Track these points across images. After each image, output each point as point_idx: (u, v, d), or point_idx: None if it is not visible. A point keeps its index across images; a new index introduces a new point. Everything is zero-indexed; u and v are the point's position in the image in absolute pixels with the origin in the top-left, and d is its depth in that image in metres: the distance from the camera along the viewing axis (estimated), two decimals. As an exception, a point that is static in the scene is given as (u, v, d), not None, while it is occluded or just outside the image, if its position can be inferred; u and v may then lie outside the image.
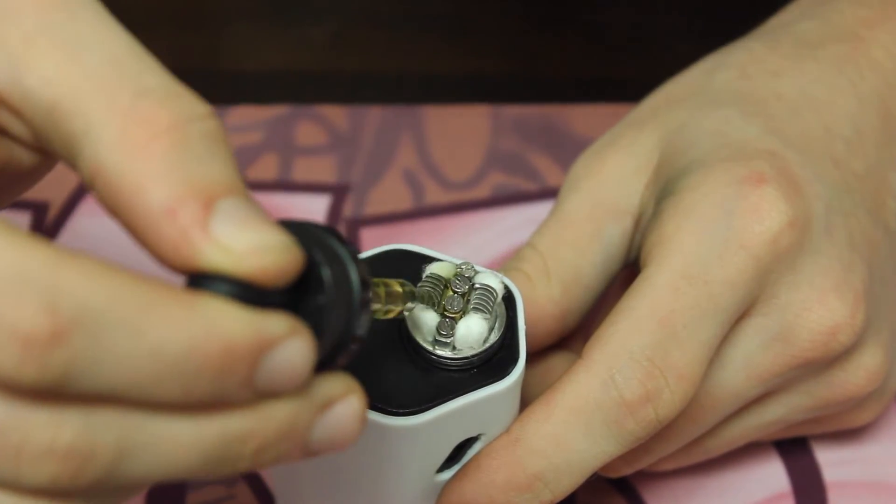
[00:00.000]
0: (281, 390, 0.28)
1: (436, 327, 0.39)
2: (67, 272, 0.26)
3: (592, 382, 0.40)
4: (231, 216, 0.28)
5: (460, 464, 0.40)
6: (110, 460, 0.27)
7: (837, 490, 0.49)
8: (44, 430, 0.26)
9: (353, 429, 0.30)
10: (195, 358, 0.26)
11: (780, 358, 0.42)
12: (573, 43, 0.67)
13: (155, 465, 0.27)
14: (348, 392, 0.30)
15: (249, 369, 0.27)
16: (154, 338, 0.26)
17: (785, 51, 0.48)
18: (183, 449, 0.27)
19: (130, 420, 0.27)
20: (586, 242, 0.45)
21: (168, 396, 0.27)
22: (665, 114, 0.47)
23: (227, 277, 0.28)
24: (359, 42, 0.67)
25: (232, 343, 0.27)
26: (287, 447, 0.29)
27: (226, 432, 0.28)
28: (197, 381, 0.27)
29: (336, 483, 0.41)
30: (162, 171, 0.28)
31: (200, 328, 0.27)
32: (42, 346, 0.25)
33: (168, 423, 0.27)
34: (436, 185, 0.59)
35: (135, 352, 0.26)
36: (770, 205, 0.41)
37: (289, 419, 0.28)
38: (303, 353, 0.28)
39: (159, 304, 0.26)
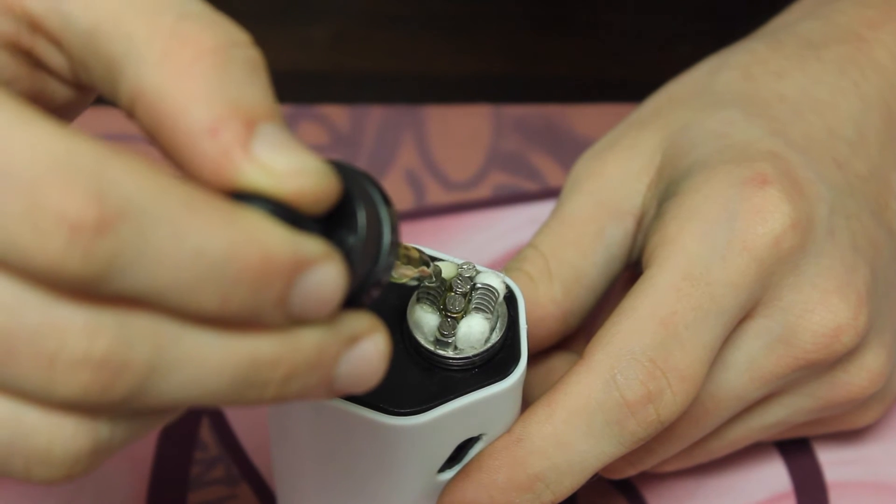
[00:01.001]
0: (312, 316, 0.28)
1: (437, 327, 0.39)
2: (115, 165, 0.26)
3: (594, 383, 0.40)
4: (272, 138, 0.28)
5: (461, 464, 0.40)
6: (143, 374, 0.26)
7: (839, 490, 0.49)
8: (80, 336, 0.26)
9: (377, 366, 0.30)
10: (234, 264, 0.26)
11: (782, 359, 0.42)
12: (574, 43, 0.67)
13: (185, 384, 0.27)
14: (374, 329, 0.30)
15: (286, 286, 0.27)
16: (196, 239, 0.26)
17: (788, 51, 0.48)
18: (214, 368, 0.27)
19: (165, 331, 0.27)
20: (588, 243, 0.45)
21: (205, 304, 0.26)
22: (668, 114, 0.47)
23: (266, 198, 0.28)
24: (360, 42, 0.67)
25: (271, 254, 0.27)
26: (314, 378, 0.29)
27: (257, 355, 0.28)
28: (234, 291, 0.26)
29: (337, 483, 0.41)
30: (205, 92, 0.27)
31: (241, 235, 0.26)
32: (89, 234, 0.25)
33: (202, 338, 0.27)
34: (437, 185, 0.59)
35: (177, 251, 0.26)
36: (773, 206, 0.41)
37: (318, 348, 0.28)
38: (336, 279, 0.28)
39: (203, 207, 0.26)
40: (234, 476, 0.49)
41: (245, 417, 0.51)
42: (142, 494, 0.48)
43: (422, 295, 0.39)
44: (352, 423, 0.38)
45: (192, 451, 0.50)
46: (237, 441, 0.50)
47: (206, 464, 0.49)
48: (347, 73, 0.65)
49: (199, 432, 0.50)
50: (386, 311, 0.40)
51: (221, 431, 0.50)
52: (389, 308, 0.40)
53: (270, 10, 0.67)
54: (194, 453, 0.50)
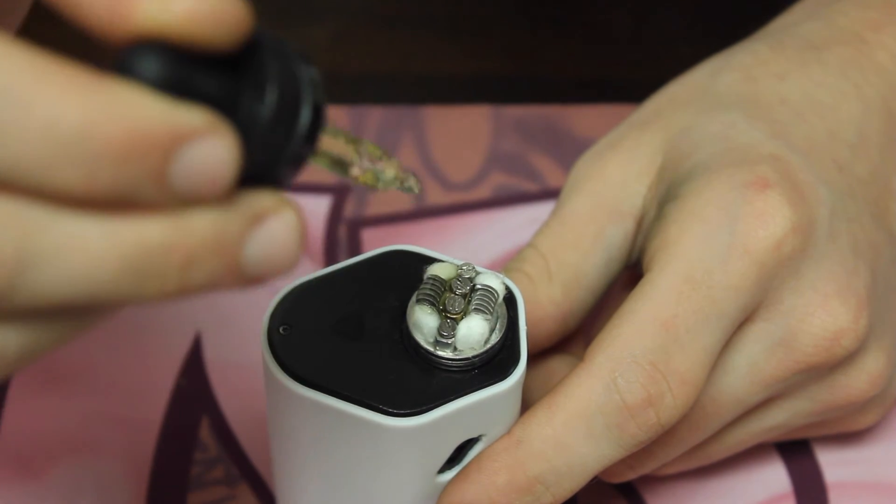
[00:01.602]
0: (200, 195, 0.26)
1: (437, 328, 0.39)
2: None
3: (594, 386, 0.40)
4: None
5: (461, 465, 0.40)
6: (12, 267, 0.25)
7: (838, 491, 0.49)
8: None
9: (290, 246, 0.28)
10: (93, 138, 0.25)
11: (783, 363, 0.42)
12: (574, 43, 0.67)
13: (66, 275, 0.25)
14: (280, 206, 0.28)
15: (160, 161, 0.25)
16: (46, 109, 0.24)
17: (789, 53, 0.48)
18: (97, 255, 0.25)
19: (31, 216, 0.25)
20: (588, 244, 0.45)
21: (68, 182, 0.25)
22: (669, 116, 0.46)
23: (158, 48, 0.26)
24: (359, 42, 0.66)
25: (138, 127, 0.25)
26: (218, 264, 0.27)
27: (144, 240, 0.26)
28: (98, 167, 0.25)
29: (337, 484, 0.41)
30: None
31: (102, 107, 0.25)
32: None
33: (77, 223, 0.25)
34: (437, 185, 0.59)
35: (24, 121, 0.24)
36: (774, 210, 0.41)
37: (214, 230, 0.26)
38: (223, 152, 0.26)
39: (54, 76, 0.25)
40: (234, 477, 0.49)
41: (245, 419, 0.51)
42: (141, 495, 0.48)
43: (421, 296, 0.39)
44: (351, 423, 0.38)
45: (191, 451, 0.50)
46: (237, 442, 0.50)
47: (205, 464, 0.49)
48: (347, 73, 0.65)
49: (199, 433, 0.50)
50: (385, 312, 0.40)
51: (221, 432, 0.50)
52: (389, 309, 0.40)
53: (270, 10, 0.67)
54: (194, 454, 0.50)
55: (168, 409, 0.51)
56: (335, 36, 0.66)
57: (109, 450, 0.49)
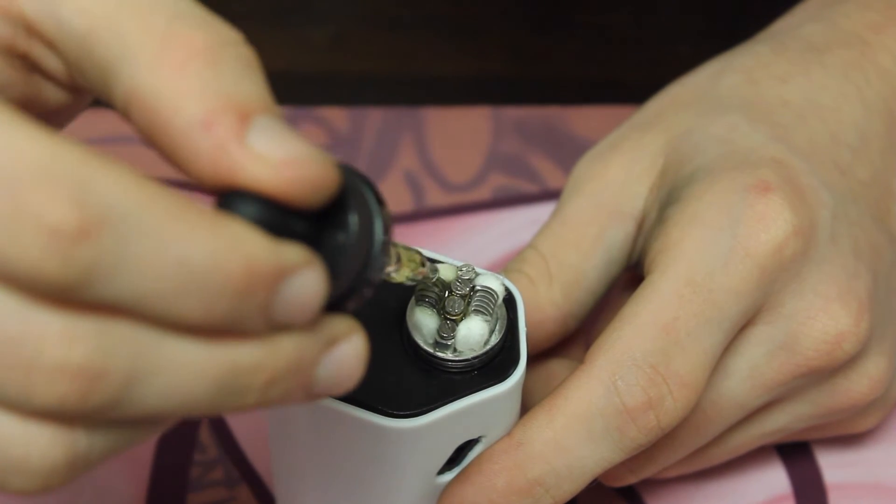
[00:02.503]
0: (293, 322, 0.28)
1: (436, 329, 0.39)
2: (98, 171, 0.25)
3: (595, 388, 0.40)
4: (268, 130, 0.28)
5: (461, 466, 0.40)
6: (121, 382, 0.26)
7: (838, 492, 0.49)
8: (58, 342, 0.25)
9: (355, 368, 0.30)
10: (218, 273, 0.26)
11: (784, 367, 0.42)
12: (574, 44, 0.67)
13: (165, 392, 0.27)
14: (352, 331, 0.30)
15: (268, 294, 0.27)
16: (179, 248, 0.26)
17: (791, 55, 0.48)
18: (195, 375, 0.27)
19: (145, 339, 0.26)
20: (588, 245, 0.45)
21: (188, 313, 0.26)
22: (670, 117, 0.46)
23: (256, 197, 0.27)
24: (359, 44, 0.66)
25: (254, 263, 0.27)
26: (294, 383, 0.28)
27: (238, 361, 0.27)
28: (218, 300, 0.26)
29: (336, 485, 0.41)
30: (198, 88, 0.27)
31: (225, 245, 0.26)
32: (69, 240, 0.25)
33: (182, 346, 0.27)
34: (436, 186, 0.59)
35: (160, 259, 0.26)
36: (775, 213, 0.41)
37: (298, 353, 0.28)
38: (316, 285, 0.28)
39: (187, 217, 0.26)
40: (234, 478, 0.49)
41: (245, 420, 0.51)
42: (141, 496, 0.48)
43: (421, 297, 0.39)
44: (351, 425, 0.38)
45: (191, 452, 0.50)
46: (237, 443, 0.50)
47: (205, 465, 0.49)
48: (347, 74, 0.65)
49: (199, 434, 0.50)
50: (385, 314, 0.40)
51: (221, 433, 0.50)
52: (388, 310, 0.40)
53: (269, 11, 0.67)
54: (194, 455, 0.50)
55: (168, 411, 0.51)
56: (335, 37, 0.66)
57: (109, 451, 0.49)
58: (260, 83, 0.29)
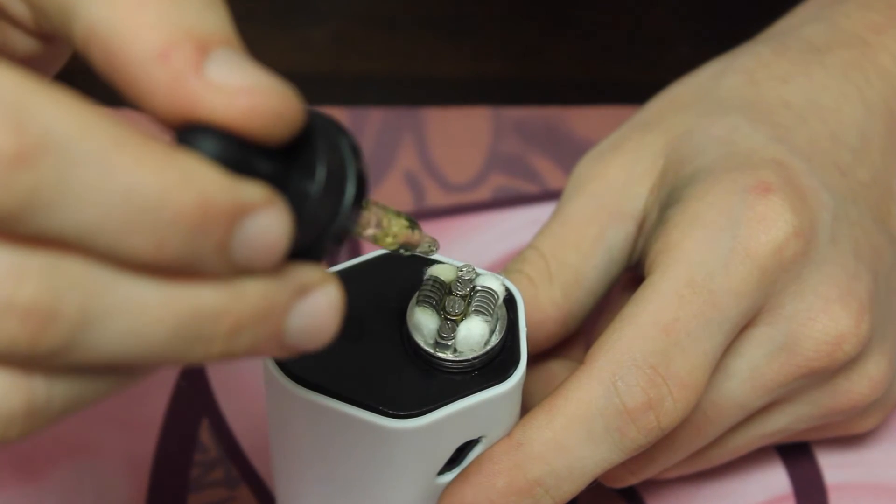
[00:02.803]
0: (256, 265, 0.27)
1: (437, 330, 0.39)
2: (38, 94, 0.25)
3: (595, 389, 0.40)
4: (227, 61, 0.27)
5: (461, 466, 0.40)
6: (74, 324, 0.25)
7: (838, 492, 0.49)
8: (5, 279, 0.25)
9: (330, 320, 0.29)
10: (169, 207, 0.25)
11: (785, 367, 0.42)
12: (574, 45, 0.67)
13: (122, 336, 0.26)
14: (325, 281, 0.28)
15: (225, 231, 0.26)
16: (126, 178, 0.25)
17: (792, 56, 0.48)
18: (152, 319, 0.26)
19: (98, 277, 0.26)
20: (589, 245, 0.45)
21: (139, 249, 0.25)
22: (671, 118, 0.46)
23: (216, 131, 0.27)
24: (359, 44, 0.66)
25: (208, 199, 0.26)
26: (262, 332, 0.27)
27: (198, 305, 0.26)
28: (170, 235, 0.25)
29: (336, 485, 0.41)
30: (155, 20, 0.27)
31: (176, 177, 0.25)
32: (7, 164, 0.24)
33: (138, 287, 0.26)
34: (436, 186, 0.59)
35: (105, 189, 0.25)
36: (776, 214, 0.41)
37: (264, 299, 0.27)
38: (279, 226, 0.27)
39: (133, 146, 0.25)
40: (234, 478, 0.49)
41: (245, 420, 0.51)
42: (141, 496, 0.48)
43: (421, 297, 0.39)
44: (351, 425, 0.38)
45: (191, 453, 0.50)
46: (237, 443, 0.50)
47: (205, 466, 0.49)
48: (347, 75, 0.65)
49: (199, 434, 0.50)
50: (385, 314, 0.40)
51: (221, 433, 0.50)
52: (389, 310, 0.40)
53: (269, 11, 0.67)
54: (194, 455, 0.50)
55: (168, 411, 0.51)
56: (335, 37, 0.66)
57: (109, 451, 0.49)
58: (221, 16, 0.28)
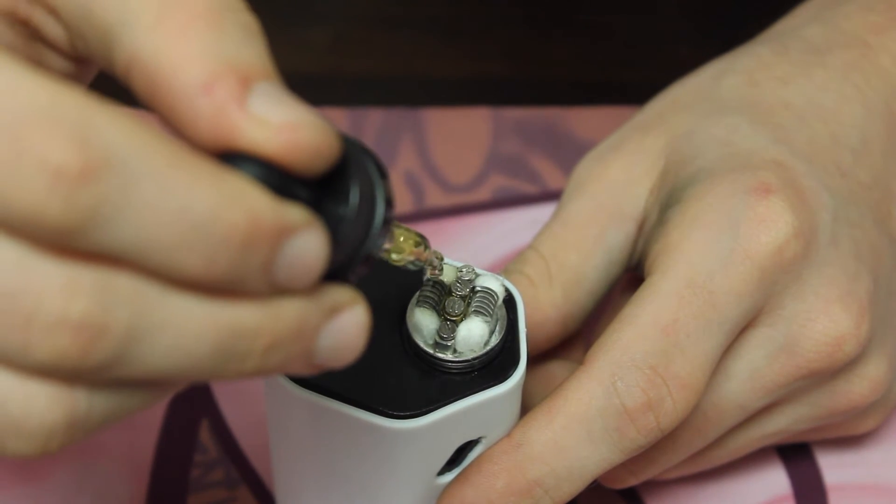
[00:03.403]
0: (294, 284, 0.28)
1: (436, 330, 0.39)
2: (102, 115, 0.25)
3: (594, 389, 0.40)
4: (268, 95, 0.27)
5: (461, 467, 0.40)
6: (122, 338, 0.26)
7: (838, 493, 0.49)
8: (58, 294, 0.25)
9: (357, 339, 0.30)
10: (220, 225, 0.26)
11: (785, 369, 0.42)
12: (574, 45, 0.67)
13: (166, 351, 0.26)
14: (354, 302, 0.29)
15: (270, 251, 0.27)
16: (181, 196, 0.26)
17: (793, 57, 0.48)
18: (195, 335, 0.27)
19: (147, 294, 0.26)
20: (589, 246, 0.45)
21: (190, 266, 0.26)
22: (671, 118, 0.46)
23: (257, 159, 0.27)
24: (359, 44, 0.67)
25: (257, 217, 0.26)
26: (294, 350, 0.28)
27: (238, 323, 0.27)
28: (220, 253, 0.26)
29: (336, 485, 0.41)
30: (199, 51, 0.27)
31: (228, 196, 0.26)
32: (71, 181, 0.25)
33: (184, 303, 0.26)
34: (436, 187, 0.59)
35: (161, 206, 0.25)
36: (776, 215, 0.41)
37: (299, 319, 0.28)
38: (318, 247, 0.28)
39: (189, 165, 0.26)
40: (234, 479, 0.49)
41: (245, 420, 0.51)
42: (141, 496, 0.48)
43: (421, 298, 0.39)
44: (351, 425, 0.38)
45: (191, 453, 0.50)
46: (237, 444, 0.50)
47: (205, 466, 0.49)
48: (347, 75, 0.65)
49: (199, 435, 0.50)
50: (385, 314, 0.40)
51: (221, 434, 0.50)
52: (389, 310, 0.40)
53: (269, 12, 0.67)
54: (194, 456, 0.50)
55: (168, 411, 0.51)
56: (335, 38, 0.66)
57: (109, 451, 0.49)
58: (261, 50, 0.28)
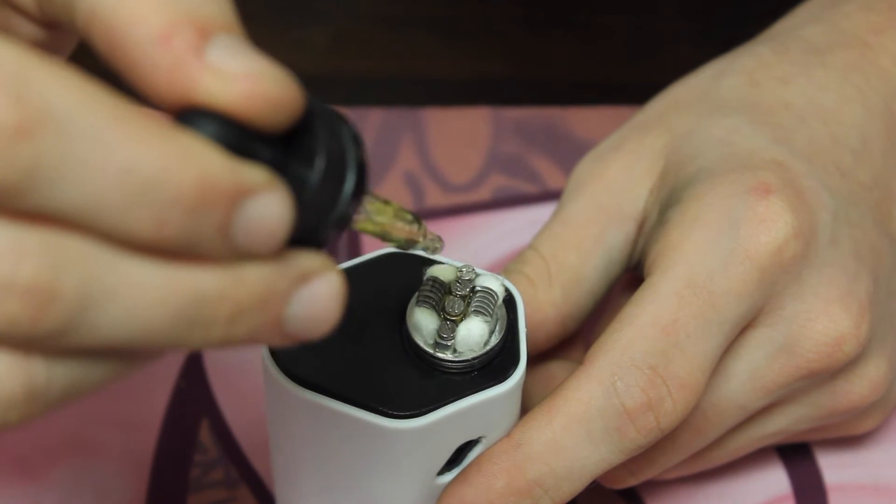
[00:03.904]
0: (256, 249, 0.27)
1: (436, 330, 0.39)
2: (39, 69, 0.25)
3: (594, 389, 0.40)
4: (228, 47, 0.27)
5: (461, 467, 0.40)
6: (75, 302, 0.25)
7: (838, 493, 0.49)
8: (5, 257, 0.24)
9: (331, 308, 0.28)
10: (169, 185, 0.25)
11: (785, 369, 0.42)
12: (574, 45, 0.67)
13: (123, 317, 0.26)
14: (326, 268, 0.28)
15: (226, 213, 0.26)
16: (126, 154, 0.25)
17: (793, 57, 0.48)
18: (153, 301, 0.26)
19: (99, 257, 0.25)
20: (589, 246, 0.45)
21: (139, 228, 0.25)
22: (671, 118, 0.46)
23: (216, 116, 0.26)
24: (360, 44, 0.67)
25: (209, 178, 0.25)
26: (262, 318, 0.27)
27: (198, 288, 0.26)
28: (170, 214, 0.25)
29: (336, 485, 0.41)
30: (157, 3, 0.27)
31: (176, 155, 0.25)
32: (8, 137, 0.24)
33: (139, 267, 0.26)
34: (436, 187, 0.59)
35: (104, 165, 0.25)
36: (776, 216, 0.41)
37: (264, 284, 0.27)
38: (280, 210, 0.27)
39: (135, 122, 0.25)
40: (234, 478, 0.49)
41: (245, 420, 0.51)
42: (141, 496, 0.48)
43: (421, 298, 0.39)
44: (351, 425, 0.38)
45: (191, 453, 0.50)
46: (236, 443, 0.50)
47: (205, 466, 0.49)
48: (347, 75, 0.65)
49: (199, 434, 0.50)
50: (385, 314, 0.40)
51: (221, 434, 0.50)
52: (389, 310, 0.40)
53: (269, 12, 0.67)
54: (194, 456, 0.50)
55: (168, 411, 0.51)
56: (335, 37, 0.66)
57: (109, 451, 0.49)
58: (224, 3, 0.28)
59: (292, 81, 0.27)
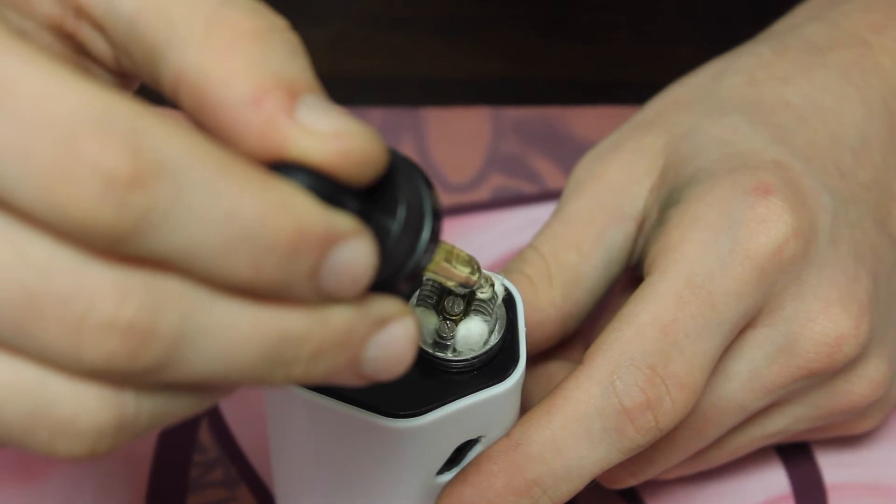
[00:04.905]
0: (342, 292, 0.28)
1: (436, 329, 0.39)
2: (153, 122, 0.26)
3: (593, 389, 0.40)
4: (316, 107, 0.28)
5: (460, 466, 0.40)
6: (171, 342, 0.26)
7: (838, 492, 0.49)
8: (109, 299, 0.26)
9: (406, 351, 0.30)
10: (267, 231, 0.26)
11: (784, 369, 0.42)
12: (574, 45, 0.67)
13: (213, 355, 0.27)
14: (404, 314, 0.30)
15: (317, 258, 0.27)
16: (229, 201, 0.26)
17: (793, 56, 0.47)
18: (243, 340, 0.27)
19: (195, 298, 0.27)
20: (589, 246, 0.45)
21: (237, 271, 0.27)
22: (671, 118, 0.46)
23: (306, 169, 0.28)
24: (359, 44, 0.66)
25: (304, 224, 0.27)
26: (341, 358, 0.29)
27: (286, 328, 0.28)
28: (267, 259, 0.27)
29: (336, 485, 0.41)
30: (246, 66, 0.28)
31: (274, 202, 0.27)
32: (123, 187, 0.25)
33: (232, 308, 0.27)
34: (436, 187, 0.59)
35: (210, 211, 0.26)
36: (776, 216, 0.41)
37: (346, 327, 0.28)
38: (366, 255, 0.28)
39: (237, 171, 0.26)
40: (234, 478, 0.49)
41: (245, 420, 0.51)
42: (141, 496, 0.48)
43: (421, 297, 0.39)
44: (351, 424, 0.38)
45: (191, 453, 0.50)
46: (236, 443, 0.50)
47: (205, 466, 0.49)
48: (347, 75, 0.65)
49: (198, 434, 0.50)
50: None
51: (220, 433, 0.50)
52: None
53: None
54: (193, 455, 0.50)
55: (167, 411, 0.51)
56: (335, 37, 0.66)
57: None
58: (306, 66, 0.29)
59: (378, 138, 0.28)
